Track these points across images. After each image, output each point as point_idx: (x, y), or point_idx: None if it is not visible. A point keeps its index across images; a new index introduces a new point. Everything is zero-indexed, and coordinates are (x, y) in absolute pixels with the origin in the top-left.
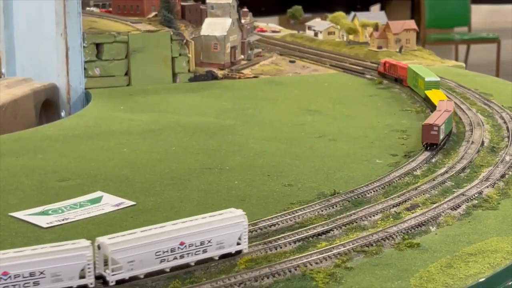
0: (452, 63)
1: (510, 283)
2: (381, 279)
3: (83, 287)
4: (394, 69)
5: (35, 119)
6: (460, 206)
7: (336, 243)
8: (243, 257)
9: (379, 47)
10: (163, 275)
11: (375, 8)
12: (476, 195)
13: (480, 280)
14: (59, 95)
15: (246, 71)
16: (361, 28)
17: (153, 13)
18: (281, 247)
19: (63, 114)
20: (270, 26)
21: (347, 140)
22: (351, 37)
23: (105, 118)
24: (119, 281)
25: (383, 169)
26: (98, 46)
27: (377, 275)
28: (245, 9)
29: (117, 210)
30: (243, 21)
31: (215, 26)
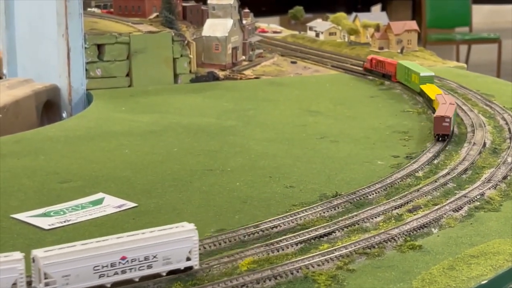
0: (453, 64)
1: None
2: (383, 281)
3: None
4: (381, 65)
5: (36, 120)
6: (462, 208)
7: (338, 245)
8: (244, 259)
9: (381, 48)
10: (164, 277)
11: (376, 8)
12: (478, 197)
13: (483, 283)
14: (60, 96)
15: (247, 72)
16: (363, 29)
17: (154, 14)
18: (283, 249)
19: (64, 115)
20: (271, 26)
21: (348, 141)
22: (352, 37)
23: (107, 119)
24: None
25: (385, 170)
26: (99, 47)
27: (379, 277)
28: (247, 10)
29: (119, 211)
30: (244, 22)
31: (216, 27)
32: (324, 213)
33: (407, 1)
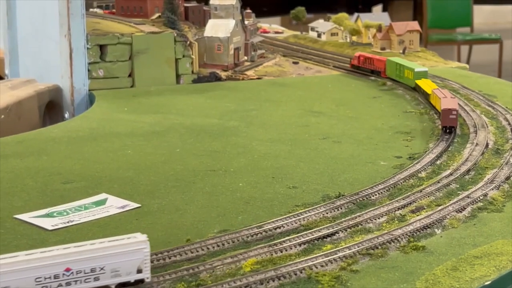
0: (455, 64)
1: None
2: (386, 282)
3: None
4: (370, 62)
5: (39, 120)
6: (465, 209)
7: (341, 245)
8: (247, 260)
9: (383, 48)
10: (168, 278)
11: (377, 8)
12: (481, 198)
13: (486, 283)
14: (62, 97)
15: (249, 73)
16: (364, 29)
17: (156, 15)
18: (286, 250)
19: (66, 115)
20: (273, 27)
21: (351, 142)
22: (354, 38)
23: (109, 119)
24: None
25: (388, 171)
26: (101, 47)
27: (383, 278)
28: (249, 10)
29: (122, 212)
30: (246, 22)
31: (218, 28)
32: (327, 213)
33: (408, 1)
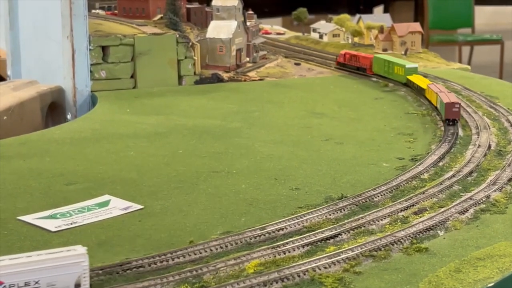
0: (457, 66)
1: None
2: (390, 283)
3: None
4: (355, 59)
5: (41, 121)
6: (468, 210)
7: (344, 247)
8: (251, 261)
9: (384, 50)
10: (172, 280)
11: (379, 9)
12: (483, 199)
13: (489, 285)
14: (65, 98)
15: (251, 74)
16: (366, 31)
17: (158, 16)
18: (289, 252)
19: (69, 116)
20: (274, 28)
21: (353, 143)
22: (356, 39)
23: (112, 121)
24: None
25: (390, 172)
26: (104, 48)
27: (386, 280)
28: (251, 12)
29: (125, 214)
30: (248, 23)
31: (220, 29)
32: (330, 215)
33: (409, 2)
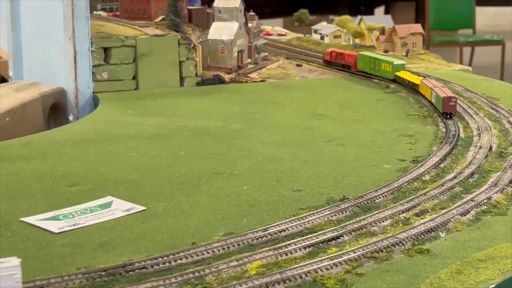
0: (458, 67)
1: None
2: (391, 285)
3: None
4: (341, 57)
5: (43, 123)
6: (469, 212)
7: (346, 249)
8: (253, 263)
9: (386, 51)
10: (174, 281)
11: (380, 10)
12: (485, 201)
13: (490, 287)
14: (67, 99)
15: (253, 75)
16: (368, 32)
17: (160, 17)
18: (291, 253)
19: (71, 118)
20: (276, 29)
21: (355, 144)
22: (357, 40)
23: (114, 122)
24: None
25: (392, 174)
26: (106, 50)
27: (388, 281)
28: (252, 13)
29: (127, 215)
30: (249, 25)
31: (222, 30)
32: (332, 217)
33: (410, 3)
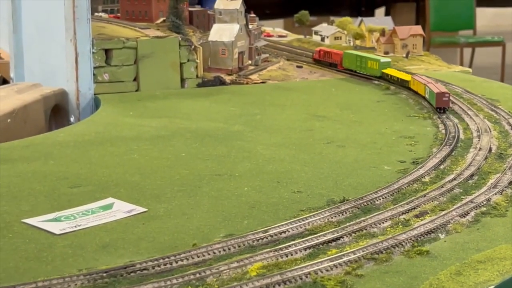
0: (459, 69)
1: None
2: (391, 286)
3: None
4: (328, 55)
5: (44, 124)
6: (468, 213)
7: (346, 250)
8: (253, 264)
9: (386, 52)
10: (175, 282)
11: (380, 11)
12: (484, 202)
13: None
14: (68, 101)
15: (253, 77)
16: (368, 33)
17: (161, 19)
18: (291, 254)
19: (72, 119)
20: (276, 30)
21: (355, 146)
22: (357, 42)
23: (115, 123)
24: None
25: (392, 175)
26: (107, 51)
27: (388, 283)
28: (253, 15)
29: (128, 216)
30: (250, 26)
31: (223, 32)
32: (332, 218)
33: (410, 4)
